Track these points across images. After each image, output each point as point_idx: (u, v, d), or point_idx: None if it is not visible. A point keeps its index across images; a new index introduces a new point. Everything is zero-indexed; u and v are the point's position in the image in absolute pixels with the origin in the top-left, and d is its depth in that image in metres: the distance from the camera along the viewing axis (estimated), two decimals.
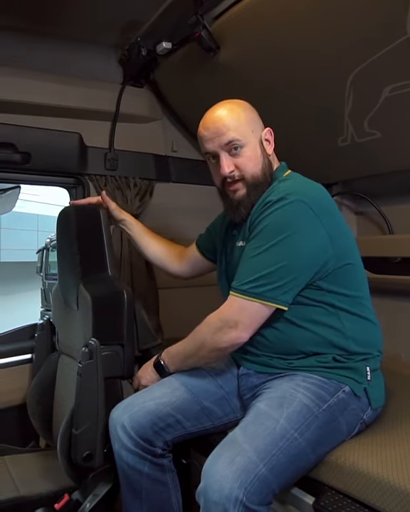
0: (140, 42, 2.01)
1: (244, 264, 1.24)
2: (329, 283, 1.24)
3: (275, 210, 1.20)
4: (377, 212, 2.02)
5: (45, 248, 8.67)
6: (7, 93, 1.91)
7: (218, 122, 1.29)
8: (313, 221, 1.19)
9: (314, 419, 1.14)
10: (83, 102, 2.08)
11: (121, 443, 1.30)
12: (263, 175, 1.31)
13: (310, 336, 1.25)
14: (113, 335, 1.49)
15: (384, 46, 1.41)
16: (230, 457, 1.04)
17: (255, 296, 1.18)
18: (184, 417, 1.33)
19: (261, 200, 1.27)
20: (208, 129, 1.31)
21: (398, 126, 1.64)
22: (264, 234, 1.21)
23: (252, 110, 1.36)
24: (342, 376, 1.23)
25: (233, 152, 1.29)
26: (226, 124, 1.28)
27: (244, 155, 1.29)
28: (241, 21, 1.64)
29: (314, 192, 1.26)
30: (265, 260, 1.18)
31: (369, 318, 1.31)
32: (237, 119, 1.30)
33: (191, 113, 2.30)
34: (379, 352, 1.33)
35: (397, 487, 0.98)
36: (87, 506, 1.41)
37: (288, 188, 1.24)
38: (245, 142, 1.28)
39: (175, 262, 1.72)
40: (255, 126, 1.32)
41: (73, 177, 2.14)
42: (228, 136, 1.28)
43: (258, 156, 1.31)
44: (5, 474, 1.60)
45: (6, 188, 3.45)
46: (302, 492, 1.16)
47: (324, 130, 1.85)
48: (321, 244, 1.20)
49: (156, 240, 1.74)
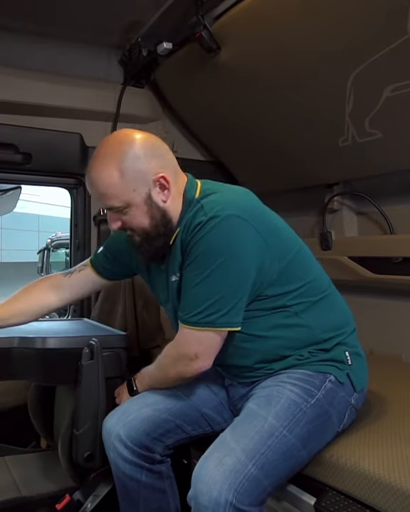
0: (141, 42, 2.01)
1: (187, 295, 1.18)
2: (276, 288, 1.20)
3: (208, 231, 1.12)
4: (378, 212, 2.02)
5: (45, 248, 8.67)
6: (8, 94, 1.92)
7: (93, 188, 1.21)
8: (250, 235, 1.13)
9: (303, 414, 1.13)
10: (84, 103, 2.08)
11: (117, 452, 1.27)
12: (154, 228, 1.22)
13: (277, 342, 1.23)
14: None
15: (384, 46, 1.41)
16: (218, 458, 1.04)
17: (207, 325, 1.14)
18: (184, 421, 1.32)
19: (187, 222, 1.18)
20: (89, 188, 1.23)
21: (399, 126, 1.63)
22: (201, 260, 1.14)
23: (136, 159, 1.16)
24: (325, 365, 1.22)
25: (117, 213, 1.21)
26: (101, 192, 1.18)
27: (128, 214, 1.20)
28: (242, 22, 1.64)
29: (243, 200, 1.19)
30: (207, 290, 1.13)
31: (328, 300, 1.27)
32: (112, 185, 1.16)
33: (192, 113, 2.31)
34: (352, 331, 1.30)
35: (399, 487, 0.98)
36: (89, 506, 1.41)
37: (215, 203, 1.15)
38: (126, 204, 1.18)
39: (46, 303, 1.50)
40: (138, 183, 1.17)
41: (74, 177, 2.15)
42: (105, 203, 1.20)
43: (145, 212, 1.20)
44: (6, 475, 1.61)
45: (6, 188, 3.45)
46: (303, 492, 1.16)
47: (325, 130, 1.85)
48: (261, 258, 1.15)
49: (9, 311, 1.46)
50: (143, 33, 1.98)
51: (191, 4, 1.68)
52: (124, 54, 2.16)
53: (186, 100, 2.22)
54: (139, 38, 2.01)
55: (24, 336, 1.46)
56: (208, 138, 2.40)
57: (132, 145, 1.17)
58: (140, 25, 1.94)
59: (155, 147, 1.21)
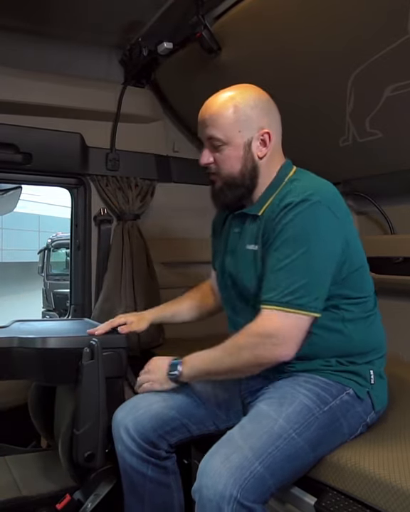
0: (141, 42, 2.01)
1: (277, 275, 1.14)
2: (337, 287, 1.19)
3: (298, 213, 1.13)
4: (379, 212, 2.02)
5: (46, 248, 8.68)
6: (8, 94, 1.92)
7: (206, 114, 1.25)
8: (335, 225, 1.16)
9: (314, 419, 1.13)
10: (84, 103, 2.08)
11: (124, 445, 1.29)
12: (240, 177, 1.25)
13: (314, 341, 1.21)
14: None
15: (385, 46, 1.40)
16: (225, 454, 1.04)
17: (298, 307, 1.10)
18: (190, 420, 1.32)
19: (277, 201, 1.21)
20: (200, 115, 1.27)
21: (399, 126, 1.63)
22: (292, 241, 1.13)
23: (252, 107, 1.23)
24: (346, 379, 1.22)
25: (214, 147, 1.25)
26: (211, 118, 1.23)
27: (223, 153, 1.24)
28: (242, 21, 1.64)
29: (331, 192, 1.21)
30: (299, 270, 1.12)
31: (373, 320, 1.29)
32: (224, 117, 1.22)
33: (192, 113, 2.29)
34: (383, 355, 1.31)
35: (399, 487, 0.98)
36: (89, 506, 1.42)
37: (307, 187, 1.18)
38: (226, 142, 1.22)
39: (209, 304, 1.59)
40: (245, 126, 1.22)
41: (74, 177, 2.15)
42: (209, 131, 1.23)
43: (240, 157, 1.24)
44: (6, 474, 1.61)
45: (7, 188, 3.46)
46: (303, 492, 1.16)
47: (326, 130, 1.85)
48: (341, 250, 1.17)
49: (185, 305, 1.60)
50: (143, 32, 1.98)
51: (192, 4, 1.68)
52: (125, 54, 2.16)
53: (186, 100, 2.22)
54: (139, 38, 2.01)
55: (24, 336, 1.46)
56: None
57: (254, 95, 1.26)
58: (140, 25, 1.94)
59: (272, 109, 1.29)
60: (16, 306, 10.20)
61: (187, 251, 2.34)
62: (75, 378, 1.41)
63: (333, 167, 2.02)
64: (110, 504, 1.43)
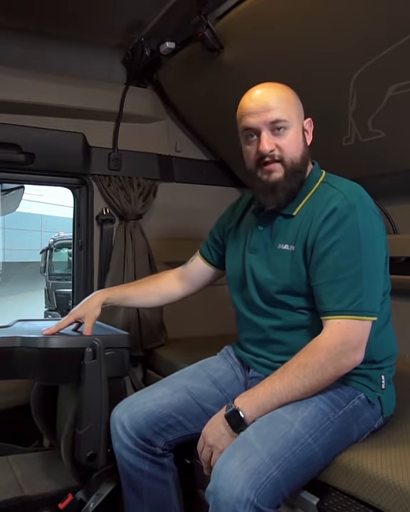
0: (144, 42, 2.01)
1: (336, 286, 1.14)
2: None
3: (349, 220, 1.14)
4: (381, 212, 2.02)
5: (48, 248, 8.69)
6: (11, 94, 1.92)
7: (268, 97, 1.21)
8: (381, 228, 1.20)
9: (329, 424, 1.12)
10: (87, 103, 2.08)
11: (121, 442, 1.30)
12: (302, 162, 1.24)
13: None
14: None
15: (388, 45, 1.40)
16: (242, 457, 1.03)
17: (362, 314, 1.13)
18: (185, 418, 1.33)
19: (318, 204, 1.21)
20: (256, 101, 1.21)
21: (402, 126, 1.63)
22: (347, 250, 1.14)
23: (298, 97, 1.28)
24: (358, 383, 1.21)
25: (276, 132, 1.21)
26: (276, 101, 1.21)
27: (287, 137, 1.21)
28: (245, 21, 1.64)
29: (368, 195, 1.23)
30: (359, 278, 1.13)
31: (388, 324, 1.29)
32: (287, 100, 1.23)
33: (195, 113, 2.30)
34: (395, 359, 1.31)
35: (402, 488, 0.98)
36: (91, 506, 1.42)
37: (350, 192, 1.19)
38: (290, 124, 1.21)
39: (172, 290, 1.60)
40: (300, 112, 1.26)
41: (77, 177, 2.15)
42: (275, 113, 1.19)
43: (300, 141, 1.24)
44: (9, 474, 1.61)
45: (10, 188, 3.46)
46: (306, 492, 1.15)
47: (328, 130, 1.84)
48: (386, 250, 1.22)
49: (140, 290, 1.58)
50: (146, 32, 1.98)
51: (194, 4, 1.68)
52: (127, 54, 2.16)
53: (189, 100, 2.22)
54: (141, 38, 2.01)
55: (27, 336, 1.46)
56: (212, 138, 2.40)
57: (293, 91, 1.28)
58: (143, 24, 1.94)
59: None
60: (18, 305, 10.22)
61: (189, 251, 2.32)
62: (78, 378, 1.42)
63: (336, 167, 2.01)
64: (112, 504, 1.43)
